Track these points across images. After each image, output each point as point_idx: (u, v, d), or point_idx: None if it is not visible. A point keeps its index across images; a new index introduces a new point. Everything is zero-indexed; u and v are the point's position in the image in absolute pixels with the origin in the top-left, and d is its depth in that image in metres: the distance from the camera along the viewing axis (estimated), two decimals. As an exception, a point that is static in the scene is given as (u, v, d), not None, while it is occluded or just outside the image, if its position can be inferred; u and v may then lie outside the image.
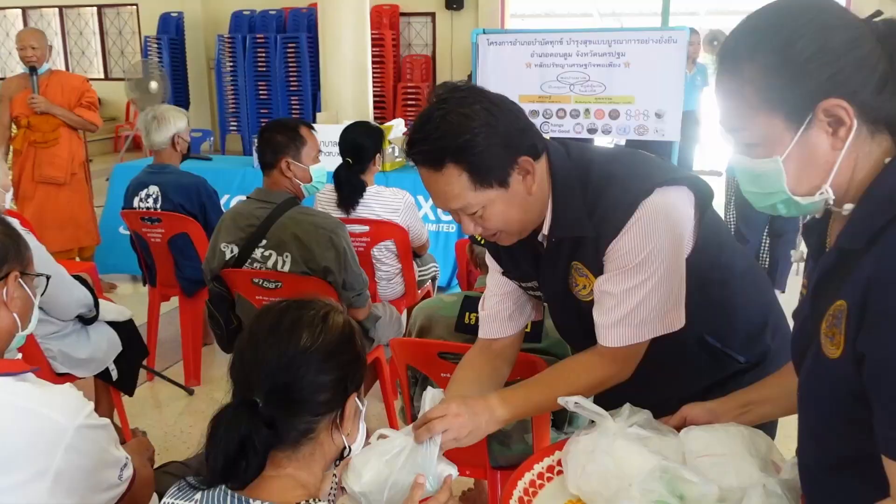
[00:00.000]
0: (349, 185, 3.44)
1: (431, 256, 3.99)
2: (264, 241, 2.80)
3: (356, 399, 1.27)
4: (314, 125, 3.03)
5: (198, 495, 1.20)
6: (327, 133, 4.66)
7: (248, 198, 2.92)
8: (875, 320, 0.93)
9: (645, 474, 1.29)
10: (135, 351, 3.13)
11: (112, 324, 2.98)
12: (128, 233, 4.05)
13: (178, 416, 3.61)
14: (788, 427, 1.25)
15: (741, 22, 1.07)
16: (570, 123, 4.65)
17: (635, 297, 1.47)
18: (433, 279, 3.98)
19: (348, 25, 6.31)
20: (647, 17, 12.27)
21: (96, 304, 2.82)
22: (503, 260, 1.71)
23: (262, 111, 10.81)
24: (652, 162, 1.58)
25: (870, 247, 0.96)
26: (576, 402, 1.43)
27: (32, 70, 4.84)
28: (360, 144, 3.47)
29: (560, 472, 1.48)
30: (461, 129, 1.40)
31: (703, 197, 1.55)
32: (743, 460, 1.33)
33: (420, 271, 3.77)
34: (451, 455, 1.47)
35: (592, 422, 1.46)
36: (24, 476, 1.40)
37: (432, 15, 10.95)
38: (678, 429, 1.47)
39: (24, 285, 1.59)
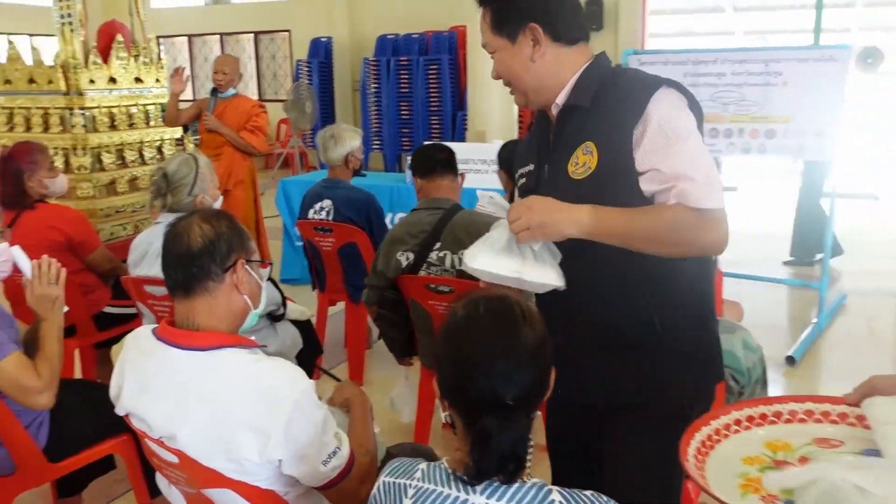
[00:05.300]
0: None
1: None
2: (438, 244, 2.98)
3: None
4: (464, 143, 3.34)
5: (418, 473, 1.34)
6: (474, 151, 4.88)
7: (413, 210, 3.11)
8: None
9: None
10: (312, 348, 3.41)
11: (293, 322, 3.27)
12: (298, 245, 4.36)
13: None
14: None
15: None
16: (724, 143, 4.62)
17: (687, 156, 1.58)
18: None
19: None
20: (793, 34, 11.88)
21: (284, 303, 3.10)
22: (525, 148, 1.96)
23: (403, 131, 11.24)
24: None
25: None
26: None
27: (214, 91, 5.28)
28: None
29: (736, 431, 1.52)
30: None
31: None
32: None
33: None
34: None
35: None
36: (256, 432, 1.58)
37: (571, 36, 11.04)
38: (865, 396, 1.49)
39: (251, 271, 1.78)
